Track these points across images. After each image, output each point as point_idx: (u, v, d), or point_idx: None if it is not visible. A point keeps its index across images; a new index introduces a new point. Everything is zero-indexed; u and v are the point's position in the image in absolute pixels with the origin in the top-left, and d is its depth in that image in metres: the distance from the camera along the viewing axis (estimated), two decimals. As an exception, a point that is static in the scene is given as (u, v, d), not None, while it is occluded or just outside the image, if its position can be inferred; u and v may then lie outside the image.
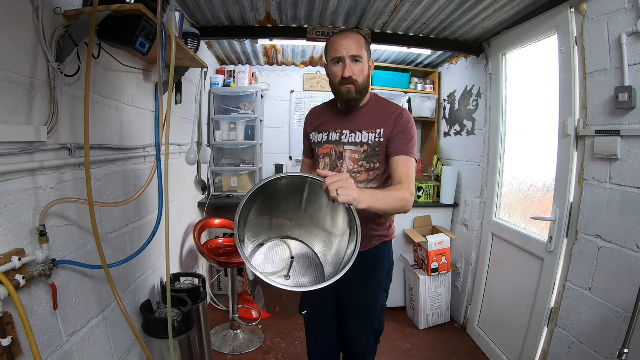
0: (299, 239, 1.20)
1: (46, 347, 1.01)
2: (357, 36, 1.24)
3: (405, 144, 1.25)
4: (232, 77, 3.03)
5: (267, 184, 1.01)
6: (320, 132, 1.39)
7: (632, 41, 1.34)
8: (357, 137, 1.31)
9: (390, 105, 1.34)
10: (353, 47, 1.21)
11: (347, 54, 1.21)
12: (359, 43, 1.23)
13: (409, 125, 1.28)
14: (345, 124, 1.34)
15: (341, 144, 1.33)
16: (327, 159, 1.36)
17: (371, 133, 1.29)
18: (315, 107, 1.52)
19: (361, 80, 1.25)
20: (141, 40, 1.08)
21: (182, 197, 2.37)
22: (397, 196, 1.15)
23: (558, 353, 1.68)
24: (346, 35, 1.23)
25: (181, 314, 1.50)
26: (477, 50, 2.46)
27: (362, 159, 1.30)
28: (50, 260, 0.99)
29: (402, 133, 1.26)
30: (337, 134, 1.35)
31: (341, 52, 1.21)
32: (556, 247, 1.72)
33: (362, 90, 1.27)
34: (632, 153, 1.36)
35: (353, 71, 1.22)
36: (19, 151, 0.90)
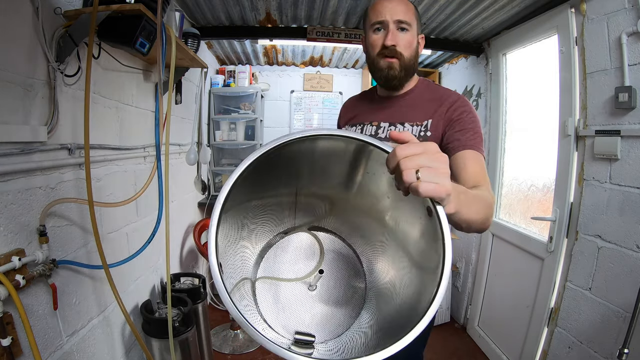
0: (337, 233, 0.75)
1: (46, 347, 1.01)
2: (406, 1, 0.98)
3: (470, 136, 0.92)
4: (232, 77, 3.03)
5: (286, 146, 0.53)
6: (354, 125, 1.13)
7: (632, 41, 1.34)
8: (397, 130, 1.02)
9: (441, 90, 1.05)
10: (400, 10, 0.95)
11: (392, 18, 0.95)
12: (408, 7, 0.97)
13: (470, 114, 0.96)
14: (383, 115, 1.06)
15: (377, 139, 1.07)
16: None
17: (415, 126, 1.00)
18: (351, 97, 1.26)
19: (407, 54, 0.98)
20: (141, 40, 1.08)
21: (182, 197, 2.37)
22: (487, 201, 0.75)
23: (558, 353, 1.68)
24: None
25: (181, 314, 1.50)
26: (477, 50, 2.46)
27: None
28: (50, 260, 0.99)
29: (464, 122, 0.94)
30: (373, 127, 1.07)
31: (384, 14, 0.95)
32: (556, 247, 1.72)
33: (407, 67, 0.99)
34: (632, 153, 1.36)
35: (397, 40, 0.95)
36: (19, 151, 0.90)
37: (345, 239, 0.75)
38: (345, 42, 2.25)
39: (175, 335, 1.44)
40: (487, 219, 0.74)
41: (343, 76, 3.39)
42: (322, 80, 3.31)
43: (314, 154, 0.61)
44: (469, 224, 0.67)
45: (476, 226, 0.71)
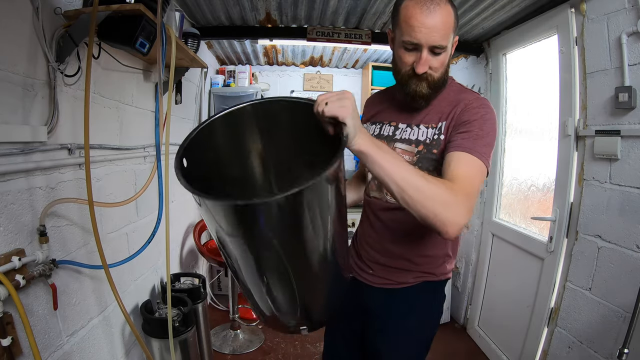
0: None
1: (46, 347, 1.01)
2: (445, 11, 0.82)
3: (472, 139, 0.85)
4: (232, 77, 3.03)
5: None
6: (374, 123, 1.07)
7: (632, 41, 1.34)
8: (412, 132, 0.97)
9: (463, 93, 0.96)
10: (437, 32, 0.82)
11: (427, 43, 0.83)
12: (447, 24, 0.83)
13: (483, 116, 0.88)
14: (403, 116, 1.01)
15: (393, 140, 1.00)
16: None
17: (430, 128, 0.95)
18: (375, 93, 1.18)
19: (438, 74, 0.89)
20: (141, 40, 1.08)
21: (182, 197, 2.36)
22: (430, 185, 0.71)
23: (558, 353, 1.68)
24: (430, 10, 0.81)
25: (181, 314, 1.50)
26: (477, 50, 2.46)
27: (413, 162, 0.94)
28: (50, 260, 0.99)
29: (469, 124, 0.87)
30: (392, 128, 1.02)
31: (418, 37, 0.83)
32: (556, 247, 1.72)
33: (437, 86, 0.92)
34: (632, 153, 1.36)
35: (430, 65, 0.87)
36: (19, 151, 0.90)
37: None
38: (345, 42, 2.25)
39: (175, 335, 1.44)
40: (428, 204, 0.70)
41: (343, 76, 3.39)
42: (322, 80, 3.31)
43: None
44: (389, 185, 0.70)
45: (401, 197, 0.71)
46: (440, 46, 0.84)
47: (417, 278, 1.02)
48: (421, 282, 1.02)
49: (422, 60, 0.85)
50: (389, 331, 1.05)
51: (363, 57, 3.03)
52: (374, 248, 1.06)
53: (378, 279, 1.05)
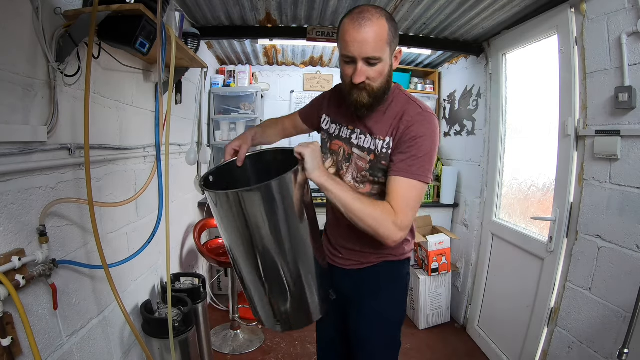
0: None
1: (46, 347, 1.01)
2: (376, 25, 0.90)
3: (409, 161, 0.96)
4: (232, 77, 3.03)
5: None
6: (334, 123, 1.16)
7: (632, 41, 1.34)
8: (365, 141, 1.07)
9: (408, 104, 1.03)
10: (369, 45, 0.90)
11: (360, 56, 0.91)
12: (380, 36, 0.90)
13: (424, 134, 0.97)
14: (359, 121, 1.09)
15: (350, 143, 1.11)
16: (335, 157, 1.15)
17: (379, 140, 1.04)
18: (336, 87, 1.21)
19: (378, 84, 0.97)
20: (141, 40, 1.08)
21: (182, 197, 2.37)
22: (370, 210, 0.92)
23: (558, 353, 1.68)
24: (361, 25, 0.89)
25: (181, 314, 1.50)
26: (477, 50, 2.46)
27: (366, 169, 1.07)
28: (50, 260, 0.99)
29: (409, 146, 0.97)
30: (349, 131, 1.11)
31: (352, 51, 0.92)
32: (556, 247, 1.72)
33: (377, 96, 0.99)
34: (632, 153, 1.36)
35: (365, 75, 0.94)
36: (18, 151, 0.90)
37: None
38: (345, 42, 2.25)
39: (175, 335, 1.44)
40: (369, 225, 0.93)
41: (343, 76, 3.39)
42: (322, 80, 3.31)
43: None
44: (339, 209, 0.95)
45: (352, 220, 0.95)
46: (374, 57, 0.92)
47: (379, 258, 1.15)
48: (382, 261, 1.16)
49: (357, 72, 0.94)
50: (363, 310, 1.18)
51: (363, 57, 3.02)
52: (340, 235, 1.20)
53: (347, 261, 1.19)
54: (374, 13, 0.91)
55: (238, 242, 0.97)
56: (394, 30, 0.95)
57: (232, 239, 0.98)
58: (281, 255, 0.97)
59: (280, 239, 0.95)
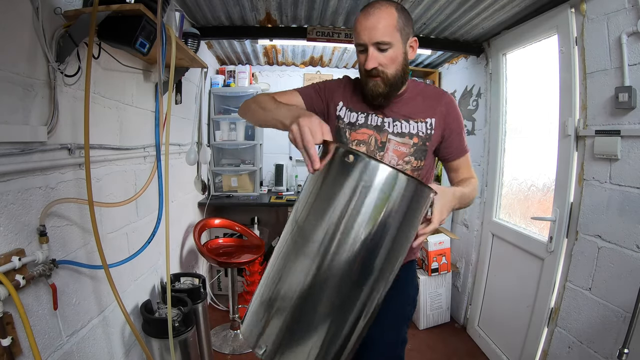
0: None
1: (46, 347, 1.01)
2: (385, 12, 0.95)
3: (463, 140, 1.13)
4: (232, 77, 3.03)
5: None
6: (355, 111, 1.11)
7: (632, 41, 1.34)
8: (404, 126, 1.07)
9: (432, 89, 1.14)
10: (378, 30, 0.94)
11: (370, 41, 0.95)
12: (388, 22, 0.94)
13: (460, 117, 1.12)
14: (386, 109, 1.09)
15: (384, 131, 1.08)
16: (363, 147, 1.09)
17: (420, 122, 1.07)
18: (349, 77, 1.21)
19: (392, 70, 0.99)
20: (141, 40, 1.08)
21: (182, 197, 2.37)
22: (474, 191, 1.07)
23: (558, 353, 1.68)
24: (370, 13, 0.95)
25: (181, 314, 1.50)
26: (477, 50, 2.46)
27: (410, 153, 1.07)
28: (50, 260, 0.99)
29: (459, 126, 1.10)
30: (379, 119, 1.09)
31: (362, 37, 0.96)
32: (556, 247, 1.72)
33: (393, 83, 1.01)
34: (632, 153, 1.36)
35: (377, 62, 0.97)
36: (18, 151, 0.90)
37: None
38: (345, 42, 2.25)
39: (175, 335, 1.44)
40: (474, 198, 1.07)
41: (343, 76, 3.39)
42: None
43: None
44: (463, 207, 1.07)
45: (466, 206, 1.08)
46: (383, 42, 0.95)
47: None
48: (404, 262, 1.13)
49: (369, 57, 0.96)
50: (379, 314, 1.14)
51: (363, 57, 3.03)
52: None
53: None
54: (383, 3, 0.97)
55: (339, 236, 0.68)
56: (405, 19, 0.98)
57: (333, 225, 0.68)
58: (380, 277, 0.73)
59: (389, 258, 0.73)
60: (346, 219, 0.68)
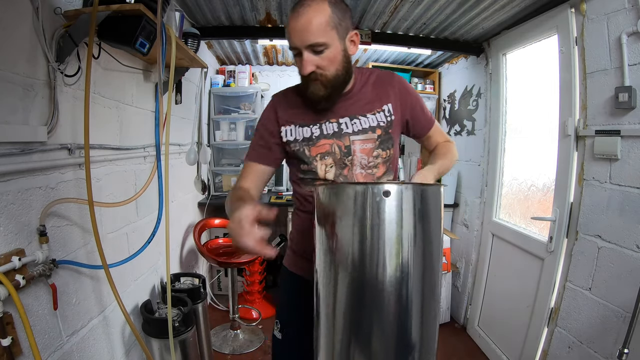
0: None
1: (46, 347, 1.01)
2: (316, 10, 0.86)
3: (426, 111, 1.10)
4: (232, 77, 3.03)
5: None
6: (304, 126, 1.02)
7: (632, 41, 1.34)
8: (363, 122, 1.01)
9: (379, 74, 1.07)
10: (310, 31, 0.86)
11: (303, 45, 0.87)
12: (320, 20, 0.86)
13: (413, 90, 1.09)
14: (338, 110, 1.02)
15: (344, 135, 1.00)
16: (329, 159, 1.01)
17: (378, 113, 1.02)
18: (278, 94, 1.09)
19: (331, 72, 0.91)
20: (141, 40, 1.08)
21: (182, 197, 2.37)
22: (451, 155, 1.07)
23: (558, 353, 1.68)
24: (299, 13, 0.87)
25: (181, 314, 1.50)
26: (477, 50, 2.46)
27: (376, 147, 1.02)
28: (50, 260, 0.99)
29: (417, 100, 1.07)
30: (333, 124, 1.01)
31: (294, 41, 0.89)
32: (556, 247, 1.72)
33: (335, 85, 0.94)
34: (632, 153, 1.36)
35: (314, 64, 0.89)
36: (18, 151, 0.90)
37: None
38: (345, 42, 2.25)
39: (175, 335, 1.44)
40: (454, 161, 1.06)
41: (343, 76, 3.39)
42: (322, 80, 3.30)
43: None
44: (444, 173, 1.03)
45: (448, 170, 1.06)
46: (317, 43, 0.87)
47: None
48: None
49: (304, 61, 0.89)
50: None
51: (363, 57, 3.03)
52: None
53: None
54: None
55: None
56: (341, 13, 0.89)
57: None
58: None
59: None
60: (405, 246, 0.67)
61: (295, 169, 1.08)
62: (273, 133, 1.04)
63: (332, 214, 0.69)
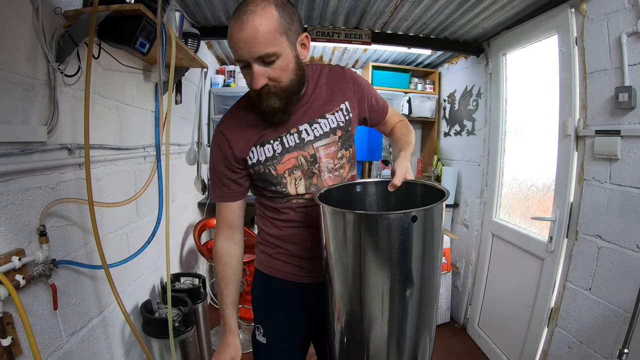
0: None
1: (46, 347, 1.01)
2: (262, 16, 0.77)
3: (379, 98, 1.11)
4: (232, 77, 3.03)
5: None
6: (265, 144, 0.95)
7: (632, 41, 1.34)
8: (323, 125, 0.97)
9: (330, 71, 1.02)
10: (257, 42, 0.77)
11: (252, 57, 0.79)
12: (268, 27, 0.77)
13: (363, 80, 1.07)
14: (295, 119, 0.96)
15: (307, 144, 0.96)
16: (298, 172, 0.97)
17: (337, 112, 0.99)
18: (224, 119, 1.00)
19: (285, 81, 0.85)
20: (141, 40, 1.08)
21: (182, 197, 2.37)
22: (412, 132, 1.09)
23: (558, 353, 1.68)
24: (244, 22, 0.76)
25: (181, 314, 1.50)
26: (477, 50, 2.46)
27: (339, 148, 0.99)
28: (50, 260, 0.99)
29: (370, 89, 1.07)
30: (294, 136, 0.96)
31: (241, 54, 0.80)
32: (556, 247, 1.72)
33: (290, 94, 0.88)
34: (632, 153, 1.36)
35: (266, 77, 0.82)
36: (19, 151, 0.90)
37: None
38: (345, 42, 2.25)
39: (175, 335, 1.44)
40: (414, 137, 1.07)
41: (343, 76, 3.38)
42: (322, 80, 3.30)
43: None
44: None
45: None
46: (267, 54, 0.79)
47: None
48: None
49: (254, 75, 0.81)
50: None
51: (363, 57, 3.03)
52: (297, 245, 1.04)
53: (309, 273, 1.05)
54: (257, 3, 0.78)
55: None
56: (289, 16, 0.81)
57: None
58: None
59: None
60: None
61: (261, 190, 1.02)
62: (235, 169, 0.98)
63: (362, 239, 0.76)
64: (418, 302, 0.79)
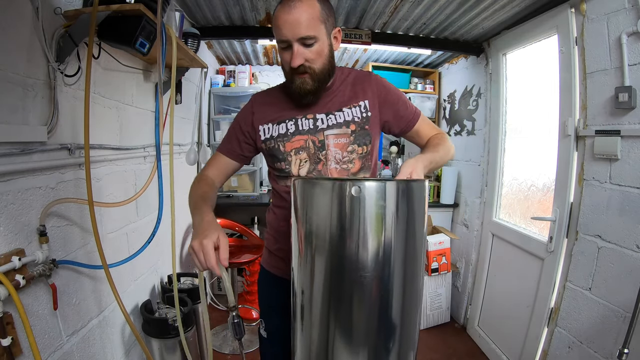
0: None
1: (46, 347, 1.01)
2: (306, 4, 0.89)
3: (409, 105, 1.09)
4: (232, 77, 3.03)
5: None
6: (281, 123, 1.04)
7: (632, 41, 1.34)
8: (338, 116, 1.02)
9: (358, 73, 1.09)
10: (302, 24, 0.88)
11: (294, 37, 0.89)
12: (311, 14, 0.89)
13: (392, 86, 1.09)
14: (315, 107, 1.04)
15: (319, 131, 1.02)
16: (304, 154, 1.02)
17: (354, 107, 1.03)
18: (259, 92, 1.14)
19: (319, 65, 0.94)
20: (141, 40, 1.08)
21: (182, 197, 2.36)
22: (445, 146, 1.01)
23: (558, 353, 1.68)
24: (291, 6, 0.88)
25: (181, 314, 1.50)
26: (477, 50, 2.46)
27: (351, 142, 1.02)
28: (50, 260, 0.99)
29: (397, 95, 1.07)
30: (309, 121, 1.03)
31: (285, 33, 0.89)
32: (556, 247, 1.72)
33: (321, 78, 0.96)
34: (632, 153, 1.36)
35: (304, 57, 0.92)
36: (19, 151, 0.90)
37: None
38: (345, 42, 2.25)
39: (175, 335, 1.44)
40: (450, 153, 1.03)
41: (343, 76, 3.39)
42: (322, 80, 3.30)
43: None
44: (439, 167, 1.00)
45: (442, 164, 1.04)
46: (308, 37, 0.89)
47: None
48: None
49: (294, 54, 0.90)
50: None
51: (363, 57, 3.03)
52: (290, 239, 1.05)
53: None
54: None
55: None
56: (328, 9, 0.93)
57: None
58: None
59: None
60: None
61: (270, 166, 1.11)
62: (245, 133, 1.08)
63: (308, 208, 0.70)
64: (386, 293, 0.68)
